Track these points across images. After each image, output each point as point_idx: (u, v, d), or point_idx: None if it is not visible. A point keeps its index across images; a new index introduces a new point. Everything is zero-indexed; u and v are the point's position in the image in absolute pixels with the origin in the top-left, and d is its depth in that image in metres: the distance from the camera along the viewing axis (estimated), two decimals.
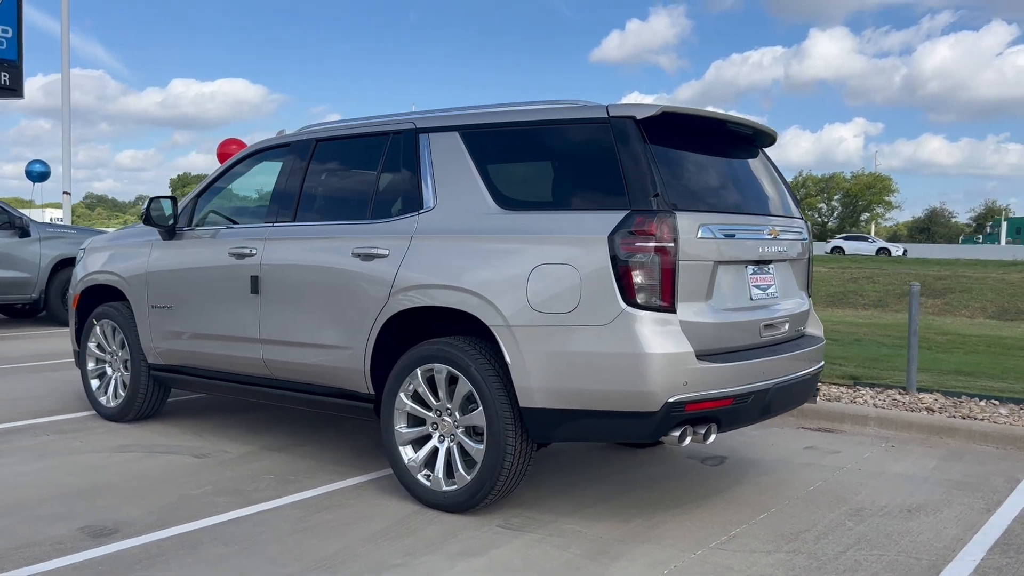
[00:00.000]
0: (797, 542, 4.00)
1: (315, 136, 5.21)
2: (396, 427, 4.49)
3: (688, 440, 3.86)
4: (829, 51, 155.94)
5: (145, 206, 5.61)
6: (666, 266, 3.78)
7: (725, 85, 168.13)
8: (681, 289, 3.84)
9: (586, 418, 3.92)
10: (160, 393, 6.14)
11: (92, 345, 6.36)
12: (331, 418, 6.35)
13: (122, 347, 6.15)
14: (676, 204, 3.89)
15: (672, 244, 3.79)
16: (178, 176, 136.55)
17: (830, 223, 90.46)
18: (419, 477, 4.40)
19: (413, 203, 4.55)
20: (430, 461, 4.40)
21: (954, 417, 6.24)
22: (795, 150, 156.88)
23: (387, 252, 4.51)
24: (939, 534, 4.16)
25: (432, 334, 4.51)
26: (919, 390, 7.02)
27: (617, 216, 3.83)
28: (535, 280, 3.96)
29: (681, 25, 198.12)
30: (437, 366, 4.30)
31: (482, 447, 4.15)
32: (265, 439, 5.76)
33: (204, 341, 5.50)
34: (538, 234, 4.02)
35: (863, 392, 7.01)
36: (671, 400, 3.75)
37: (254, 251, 5.15)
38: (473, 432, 4.27)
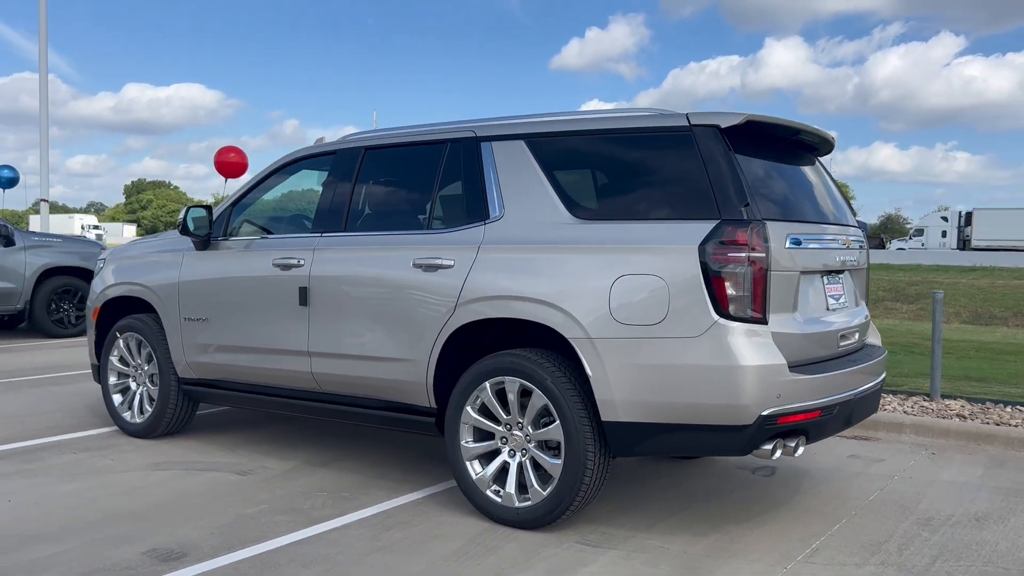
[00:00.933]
0: (881, 554, 3.98)
1: (363, 144, 5.09)
2: (462, 442, 4.38)
3: (778, 454, 3.82)
4: (784, 60, 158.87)
5: (182, 215, 5.43)
6: (758, 276, 3.74)
7: (683, 93, 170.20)
8: (772, 300, 3.80)
9: (672, 432, 3.85)
10: (189, 408, 5.95)
11: (114, 359, 6.15)
12: (366, 431, 6.22)
13: (148, 361, 5.95)
14: (763, 213, 3.85)
15: (764, 254, 3.74)
16: (132, 182, 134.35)
17: None
18: (488, 493, 4.30)
19: (477, 213, 4.45)
20: (499, 476, 4.30)
21: (987, 423, 6.29)
22: None
23: (452, 263, 4.41)
24: (1015, 543, 4.16)
25: (497, 347, 4.42)
26: (943, 396, 7.07)
27: (706, 226, 3.77)
28: (618, 291, 3.89)
29: (640, 34, 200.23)
30: (508, 379, 4.20)
31: (559, 462, 4.06)
32: (303, 454, 5.60)
33: (244, 354, 5.33)
34: (620, 244, 3.95)
35: (888, 399, 7.04)
36: (764, 413, 3.70)
37: (302, 262, 5.01)
38: (546, 446, 4.18)
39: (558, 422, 4.04)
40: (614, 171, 4.28)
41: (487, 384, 4.28)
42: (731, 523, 4.36)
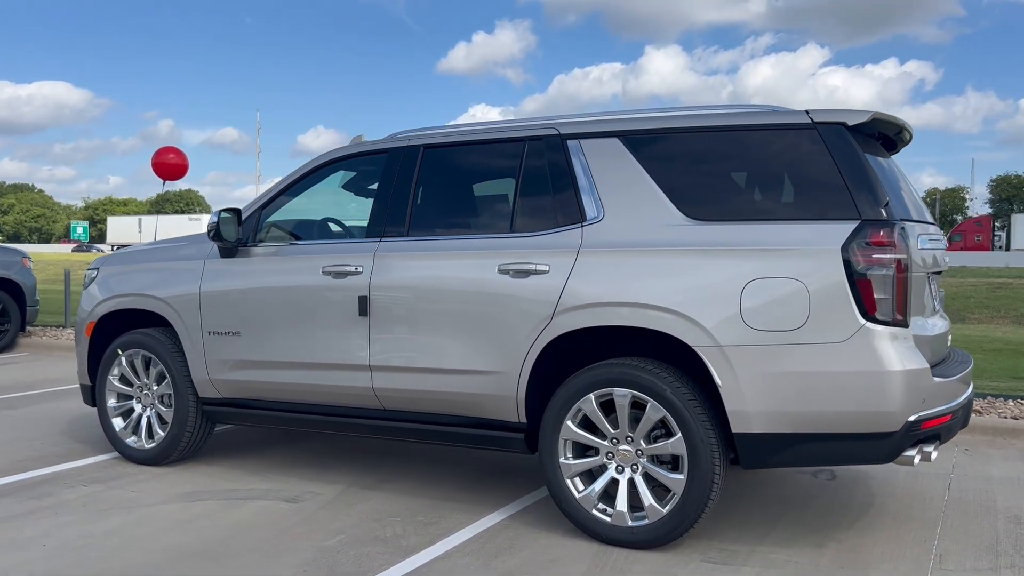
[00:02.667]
0: (1003, 556, 3.94)
1: (421, 143, 4.74)
2: (561, 459, 4.12)
3: (918, 459, 3.72)
4: (664, 68, 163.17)
5: (215, 219, 4.93)
6: (900, 278, 3.63)
7: (568, 99, 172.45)
8: (911, 302, 3.71)
9: (810, 442, 3.70)
10: (206, 431, 5.44)
11: (113, 379, 5.56)
12: (397, 449, 5.85)
13: (159, 380, 5.41)
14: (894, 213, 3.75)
15: (905, 255, 3.64)
16: None
17: None
18: (595, 512, 4.05)
19: (572, 215, 4.19)
20: (605, 494, 4.06)
21: (1005, 418, 6.44)
22: None
23: (547, 268, 4.13)
24: None
25: (589, 359, 4.18)
26: None
27: (847, 227, 3.64)
28: (750, 296, 3.71)
29: (527, 40, 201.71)
30: (618, 391, 3.96)
31: (680, 477, 3.85)
32: (344, 476, 5.19)
33: (285, 371, 4.89)
34: (749, 246, 3.77)
35: None
36: (911, 419, 3.59)
37: (360, 269, 4.62)
38: (658, 460, 3.97)
39: (679, 436, 3.83)
40: (728, 170, 4.10)
41: (591, 396, 4.03)
42: (836, 530, 4.25)
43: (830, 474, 5.26)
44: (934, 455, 3.80)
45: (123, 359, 5.50)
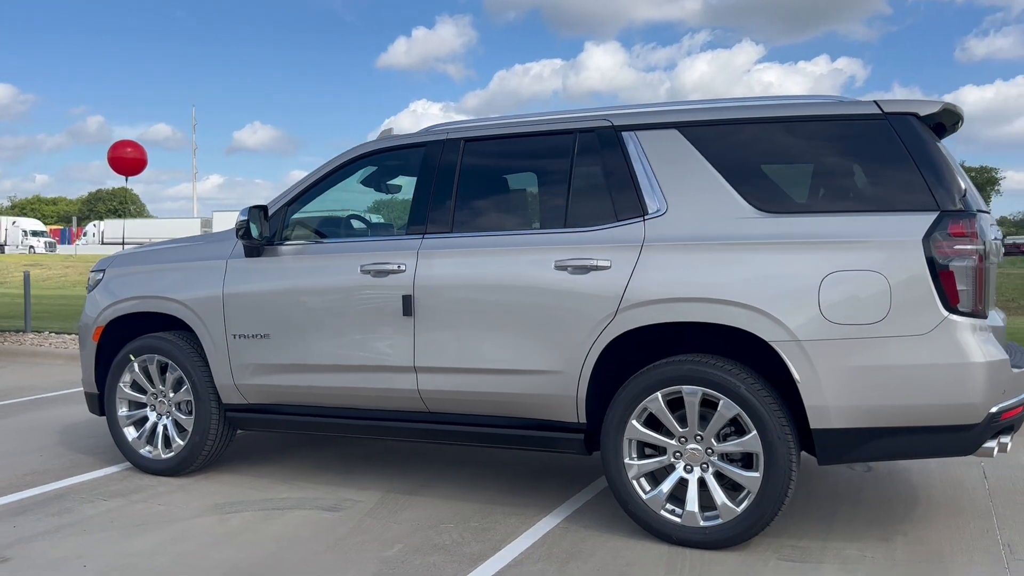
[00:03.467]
0: None
1: (461, 136, 4.58)
2: (625, 459, 4.02)
3: (997, 451, 3.71)
4: (603, 64, 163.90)
5: (245, 216, 4.70)
6: (981, 268, 3.60)
7: (508, 95, 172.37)
8: (989, 293, 3.69)
9: (890, 436, 3.66)
10: (228, 439, 5.20)
11: (124, 386, 5.28)
12: (421, 451, 5.68)
13: (177, 386, 5.15)
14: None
15: (983, 246, 3.61)
16: None
17: None
18: (663, 513, 3.96)
19: (632, 208, 4.08)
20: (673, 494, 3.97)
21: None
22: None
23: (608, 264, 4.02)
24: None
25: (653, 355, 4.09)
26: None
27: (926, 218, 3.60)
28: (828, 289, 3.65)
29: (467, 35, 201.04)
30: (687, 388, 3.87)
31: (756, 475, 3.78)
32: (378, 482, 5.01)
33: (320, 374, 4.69)
34: (825, 239, 3.70)
35: None
36: (992, 410, 3.58)
37: (403, 267, 4.45)
38: (727, 458, 3.89)
39: (754, 433, 3.76)
40: (796, 161, 4.04)
41: (659, 395, 3.93)
42: (895, 523, 4.24)
43: (866, 466, 5.26)
44: (1009, 446, 3.79)
45: (135, 365, 5.22)
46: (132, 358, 5.23)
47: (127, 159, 10.72)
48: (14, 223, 65.14)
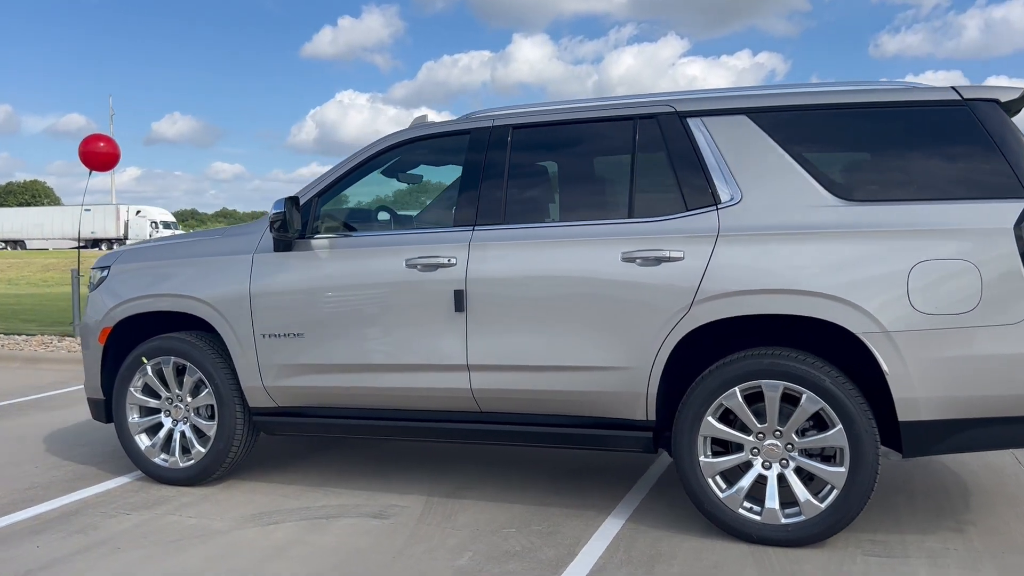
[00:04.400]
0: None
1: (509, 122, 4.38)
2: (700, 457, 3.89)
3: None
4: (532, 56, 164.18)
5: (281, 208, 4.40)
6: None
7: (437, 85, 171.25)
8: None
9: (982, 427, 3.60)
10: (252, 445, 4.90)
11: (135, 391, 4.93)
12: (446, 452, 5.46)
13: (195, 390, 4.82)
14: None
15: None
16: None
17: None
18: (742, 512, 3.84)
19: (703, 197, 3.94)
20: (752, 492, 3.86)
21: None
22: None
23: (681, 255, 3.88)
24: None
25: (721, 350, 3.96)
26: None
27: (1016, 206, 3.54)
28: (918, 279, 3.58)
29: (395, 25, 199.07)
30: (768, 383, 3.76)
31: (841, 470, 3.69)
32: (413, 484, 4.78)
33: (360, 374, 4.44)
34: (912, 228, 3.62)
35: None
36: None
37: (454, 260, 4.23)
38: (806, 453, 3.80)
39: (839, 427, 3.67)
40: (874, 148, 3.94)
41: (736, 390, 3.81)
42: (959, 513, 4.21)
43: (897, 455, 5.24)
44: None
45: (148, 368, 4.88)
46: (145, 361, 4.88)
47: (100, 154, 10.10)
48: (138, 213, 56.99)
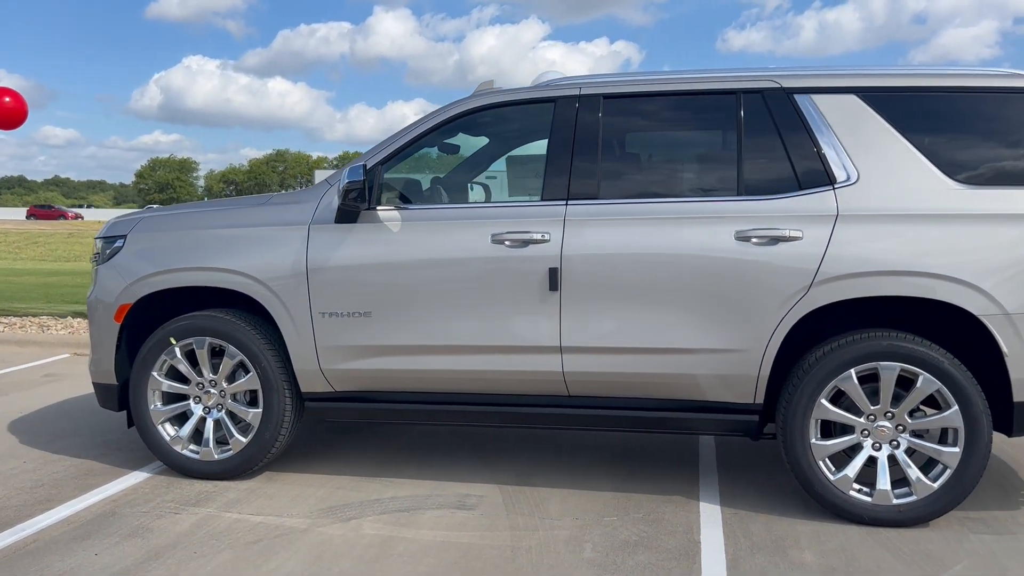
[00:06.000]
0: None
1: (598, 91, 4.15)
2: (812, 440, 3.85)
3: None
4: (393, 30, 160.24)
5: (360, 175, 4.01)
6: None
7: (293, 55, 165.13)
8: None
9: None
10: (295, 432, 4.51)
11: (160, 375, 4.43)
12: (480, 438, 5.22)
13: (232, 375, 4.38)
14: None
15: None
16: None
17: None
18: (853, 494, 3.83)
19: (817, 176, 3.87)
20: (862, 473, 3.85)
21: None
22: (362, 126, 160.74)
23: (800, 234, 3.80)
24: None
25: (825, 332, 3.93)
26: None
27: None
28: None
29: None
30: (886, 364, 3.75)
31: (955, 450, 3.73)
32: (473, 473, 4.53)
33: (437, 356, 4.14)
34: None
35: None
36: None
37: (547, 236, 3.99)
38: (912, 434, 3.82)
39: (955, 408, 3.70)
40: (990, 132, 3.94)
41: (852, 372, 3.78)
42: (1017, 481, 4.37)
43: None
44: None
45: (177, 350, 4.38)
46: (173, 342, 4.38)
47: (6, 109, 8.93)
48: None
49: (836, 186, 3.85)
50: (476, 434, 5.31)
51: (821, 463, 3.86)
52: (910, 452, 3.83)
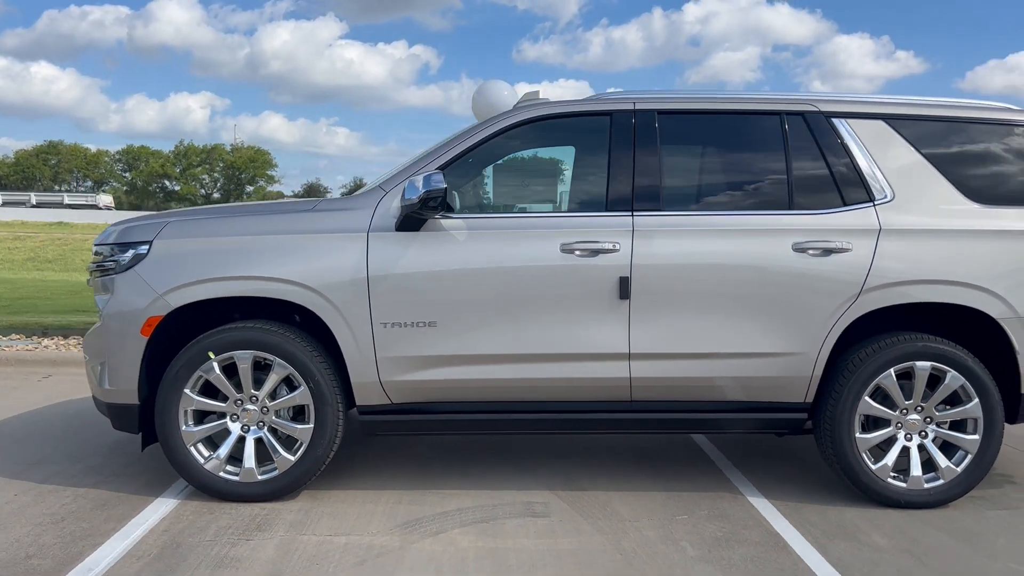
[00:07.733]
0: None
1: (653, 107, 4.33)
2: (857, 434, 4.23)
3: None
4: (177, 18, 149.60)
5: (441, 183, 3.92)
6: None
7: (60, 38, 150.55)
8: None
9: None
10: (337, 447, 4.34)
11: (191, 392, 4.12)
12: (509, 444, 5.23)
13: (274, 391, 4.15)
14: None
15: None
16: None
17: (215, 194, 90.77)
18: (891, 481, 4.26)
19: (858, 193, 4.25)
20: (898, 462, 4.28)
21: None
22: (140, 118, 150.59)
23: (850, 247, 4.17)
24: None
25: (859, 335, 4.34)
26: None
27: None
28: None
29: None
30: (921, 363, 4.20)
31: (975, 437, 4.24)
32: (516, 480, 4.56)
33: (504, 365, 4.14)
34: None
35: None
36: None
37: (617, 246, 4.12)
38: (938, 424, 4.29)
39: (976, 400, 4.21)
40: (999, 158, 4.46)
41: (892, 371, 4.20)
42: None
43: None
44: None
45: (215, 365, 4.10)
46: (212, 356, 4.09)
47: None
48: None
49: (876, 203, 4.25)
50: (496, 443, 5.31)
51: (864, 455, 4.25)
52: (936, 441, 4.30)
